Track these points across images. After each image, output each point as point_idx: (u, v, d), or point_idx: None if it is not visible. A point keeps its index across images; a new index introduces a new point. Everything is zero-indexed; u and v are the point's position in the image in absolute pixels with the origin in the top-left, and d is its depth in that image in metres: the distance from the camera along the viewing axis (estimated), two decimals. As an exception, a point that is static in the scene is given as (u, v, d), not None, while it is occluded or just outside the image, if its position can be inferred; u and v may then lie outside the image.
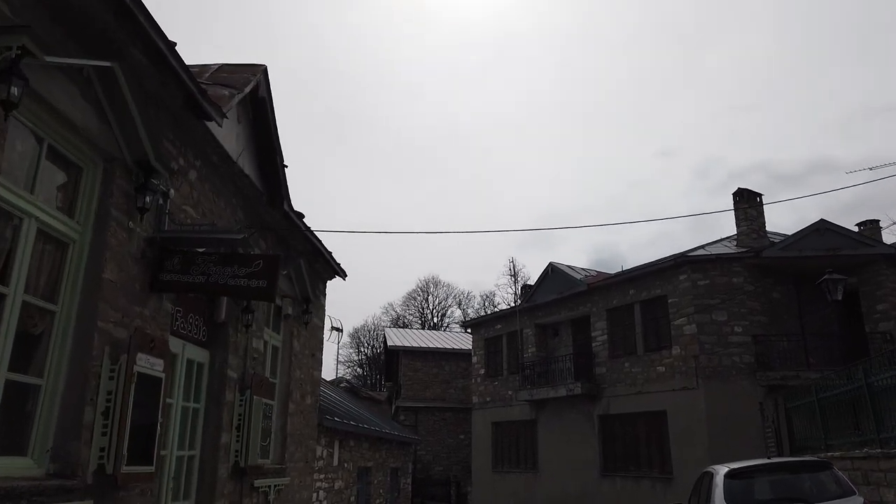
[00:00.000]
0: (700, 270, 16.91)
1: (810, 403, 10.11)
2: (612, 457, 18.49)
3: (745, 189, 17.76)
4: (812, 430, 10.13)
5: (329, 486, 11.38)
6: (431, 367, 29.62)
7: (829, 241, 16.09)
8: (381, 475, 15.33)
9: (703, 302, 16.60)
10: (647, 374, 17.70)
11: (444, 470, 28.11)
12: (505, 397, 23.02)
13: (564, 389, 19.40)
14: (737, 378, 15.98)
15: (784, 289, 17.09)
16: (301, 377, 9.58)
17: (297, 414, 9.27)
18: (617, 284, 19.14)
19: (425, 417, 28.74)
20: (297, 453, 9.33)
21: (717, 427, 15.65)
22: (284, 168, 7.59)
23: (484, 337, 24.88)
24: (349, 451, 12.71)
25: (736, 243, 17.97)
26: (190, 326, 6.29)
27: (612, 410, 18.57)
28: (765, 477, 7.41)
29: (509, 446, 22.72)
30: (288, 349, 9.13)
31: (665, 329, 17.51)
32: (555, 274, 21.60)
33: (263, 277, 5.15)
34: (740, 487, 7.25)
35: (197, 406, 6.47)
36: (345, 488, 12.32)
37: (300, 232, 8.89)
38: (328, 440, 11.34)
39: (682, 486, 15.90)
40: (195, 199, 6.06)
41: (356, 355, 56.86)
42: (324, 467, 11.06)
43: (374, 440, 14.66)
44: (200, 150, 6.09)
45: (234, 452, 6.85)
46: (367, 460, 14.05)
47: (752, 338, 16.16)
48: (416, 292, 55.33)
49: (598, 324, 19.63)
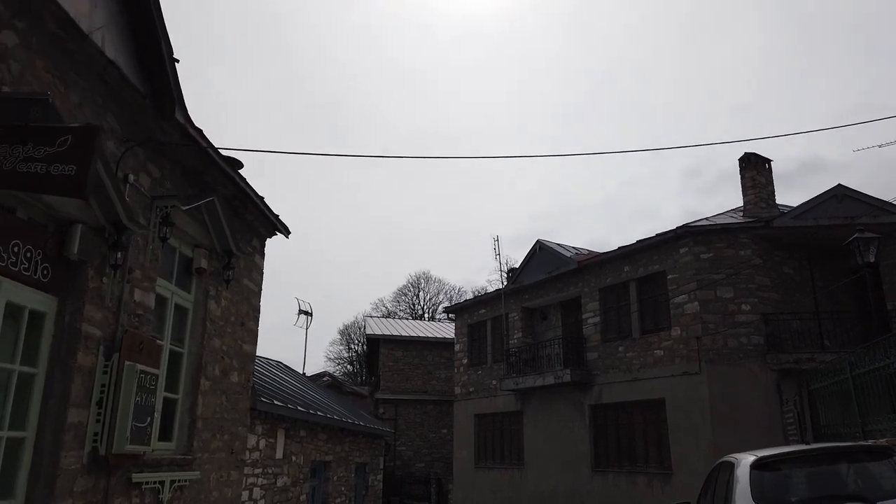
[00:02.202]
0: (703, 242, 15.17)
1: (842, 382, 8.41)
2: (605, 450, 16.76)
3: (752, 154, 16.02)
4: (845, 415, 8.45)
5: (269, 483, 9.58)
6: (413, 358, 27.82)
7: (847, 209, 14.40)
8: (344, 471, 13.54)
9: (706, 277, 14.87)
10: (644, 358, 15.96)
11: (425, 466, 26.32)
12: (489, 387, 21.25)
13: (552, 377, 17.65)
14: (744, 361, 14.27)
15: (796, 263, 15.39)
16: (223, 349, 7.78)
17: (213, 393, 7.47)
18: (610, 261, 17.39)
19: (406, 410, 26.92)
20: (214, 442, 7.52)
21: (723, 416, 13.94)
22: (175, 62, 5.76)
23: (467, 323, 23.10)
24: (299, 442, 10.90)
25: (742, 214, 16.24)
26: (16, 259, 4.48)
27: (605, 399, 16.82)
28: (804, 468, 5.66)
29: (493, 440, 20.96)
30: (202, 312, 7.32)
31: (664, 308, 15.78)
32: (543, 252, 19.83)
33: (71, 161, 3.35)
34: (772, 481, 5.51)
35: (32, 371, 4.67)
36: (292, 485, 10.52)
37: (219, 169, 7.07)
38: (268, 428, 9.54)
39: (682, 482, 14.19)
40: (15, 73, 4.23)
41: (346, 352, 55.46)
42: (261, 460, 9.26)
43: (335, 431, 12.86)
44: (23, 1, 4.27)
45: (91, 436, 5.05)
46: (324, 453, 12.25)
47: (761, 316, 14.44)
48: (406, 288, 54.07)
49: (590, 305, 17.88)
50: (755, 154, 16.01)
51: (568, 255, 18.85)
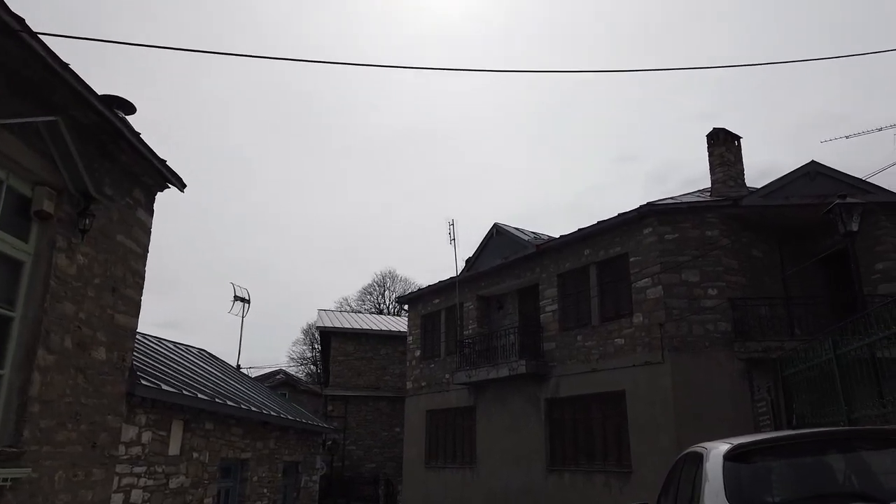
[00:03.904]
0: (668, 223, 14.05)
1: (823, 365, 7.28)
2: (561, 447, 15.53)
3: (721, 129, 14.96)
4: (825, 403, 7.31)
5: (158, 484, 8.06)
6: (366, 352, 26.29)
7: (820, 187, 13.43)
8: (268, 470, 12.02)
9: (671, 259, 13.75)
10: (604, 347, 14.78)
11: (376, 467, 24.81)
12: (441, 381, 19.90)
13: (507, 369, 16.37)
14: (710, 350, 13.18)
15: (765, 246, 14.40)
16: (80, 316, 6.25)
17: (61, 370, 5.95)
18: (569, 245, 16.18)
19: (357, 408, 25.37)
20: (62, 432, 6.00)
21: (687, 409, 12.83)
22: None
23: (421, 314, 21.71)
24: (203, 436, 9.38)
25: (710, 194, 15.19)
26: None
27: (562, 393, 15.60)
28: (790, 459, 4.44)
29: (445, 437, 19.61)
30: (44, 268, 5.80)
31: (625, 294, 14.62)
32: (500, 237, 18.57)
33: None
34: (751, 476, 4.26)
35: None
36: (192, 486, 8.99)
37: (66, 85, 5.56)
38: (157, 419, 8.02)
39: (643, 481, 13.03)
40: None
41: (309, 352, 53.74)
42: (145, 457, 7.73)
43: (255, 425, 11.35)
44: None
45: None
46: (239, 450, 10.73)
47: (728, 301, 13.37)
48: (372, 287, 52.52)
49: (548, 291, 16.65)
50: (724, 129, 14.97)
51: (526, 238, 17.61)
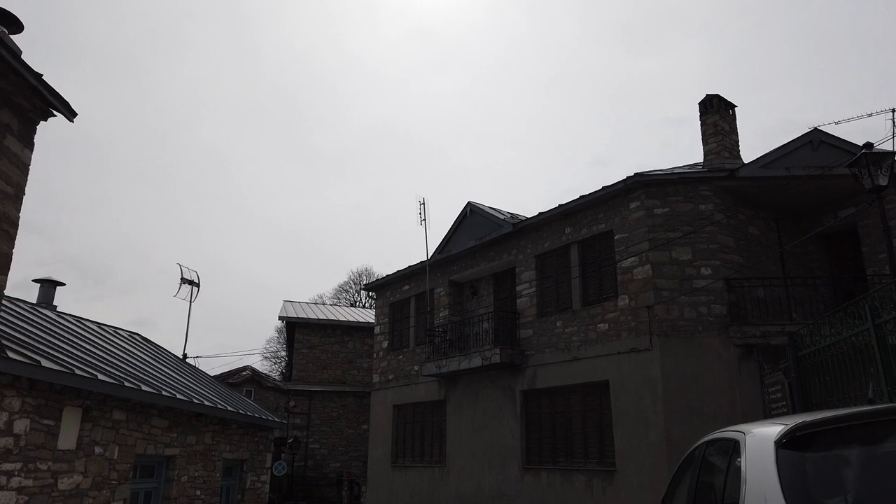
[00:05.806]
0: (657, 196, 12.76)
1: (854, 338, 6.00)
2: (538, 444, 14.15)
3: (714, 95, 13.71)
4: (853, 383, 6.03)
5: (41, 485, 6.49)
6: (332, 345, 24.69)
7: (823, 157, 12.24)
8: (202, 468, 10.45)
9: (660, 235, 12.45)
10: (586, 334, 13.44)
11: (341, 466, 23.22)
12: (410, 374, 18.43)
13: (480, 358, 14.95)
14: (703, 335, 11.91)
15: (763, 223, 13.19)
16: None
17: None
18: (549, 223, 14.83)
19: (321, 404, 23.76)
20: None
21: (677, 401, 11.54)
22: None
23: (389, 302, 20.21)
24: (111, 427, 7.81)
25: (703, 166, 13.94)
26: None
27: (539, 384, 14.23)
28: (865, 446, 3.10)
29: (413, 434, 18.14)
30: None
31: (610, 275, 13.30)
32: (474, 216, 17.15)
33: None
34: (820, 468, 2.93)
35: None
36: (94, 488, 7.42)
37: None
38: (41, 404, 6.45)
39: (628, 481, 11.72)
40: None
41: (284, 350, 52.01)
42: (20, 450, 6.16)
43: (185, 417, 9.79)
44: None
45: None
46: (163, 445, 9.16)
47: (723, 282, 12.12)
48: (347, 284, 50.93)
49: (525, 274, 15.28)
50: (718, 96, 13.73)
51: (502, 217, 16.22)
